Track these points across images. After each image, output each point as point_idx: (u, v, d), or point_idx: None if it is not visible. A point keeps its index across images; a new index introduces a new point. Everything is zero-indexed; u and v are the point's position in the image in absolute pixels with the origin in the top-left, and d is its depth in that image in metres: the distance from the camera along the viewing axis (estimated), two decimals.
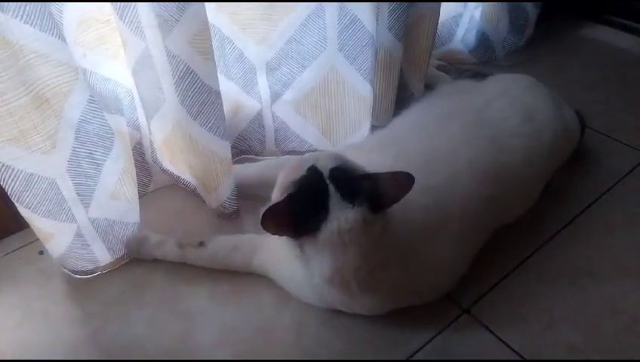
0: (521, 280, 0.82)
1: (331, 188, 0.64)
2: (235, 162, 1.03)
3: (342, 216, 0.63)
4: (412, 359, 0.72)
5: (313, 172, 0.66)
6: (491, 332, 0.75)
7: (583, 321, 0.76)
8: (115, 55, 0.81)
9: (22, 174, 0.68)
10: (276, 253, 0.75)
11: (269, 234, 0.80)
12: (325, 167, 0.66)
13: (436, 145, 0.81)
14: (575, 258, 0.85)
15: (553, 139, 0.87)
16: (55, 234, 0.77)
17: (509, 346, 0.73)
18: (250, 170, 0.96)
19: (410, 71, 1.07)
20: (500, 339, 0.74)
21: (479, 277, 0.80)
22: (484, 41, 1.31)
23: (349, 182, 0.65)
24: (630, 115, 1.16)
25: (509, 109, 0.88)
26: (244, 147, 1.06)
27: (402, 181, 0.63)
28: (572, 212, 0.93)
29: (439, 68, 1.23)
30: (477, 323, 0.76)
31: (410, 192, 0.64)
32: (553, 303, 0.78)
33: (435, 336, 0.75)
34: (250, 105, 0.99)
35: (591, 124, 1.05)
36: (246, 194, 0.92)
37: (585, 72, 1.31)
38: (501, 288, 0.81)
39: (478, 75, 1.06)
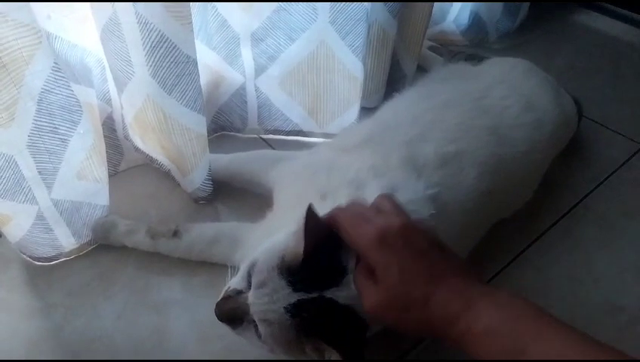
0: (517, 275, 0.78)
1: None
2: (214, 138, 0.97)
3: None
4: (405, 359, 0.68)
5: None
6: None
7: (582, 318, 0.72)
8: (83, 18, 0.72)
9: None
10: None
11: (251, 224, 0.75)
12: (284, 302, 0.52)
13: (432, 138, 0.73)
14: (572, 251, 0.82)
15: (554, 129, 0.82)
16: (13, 216, 0.69)
17: None
18: (221, 162, 0.87)
19: (404, 50, 1.02)
20: None
21: None
22: (476, 23, 1.26)
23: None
24: (624, 105, 1.13)
25: (509, 98, 0.82)
26: (224, 122, 0.98)
27: None
28: (568, 203, 0.90)
29: (431, 49, 1.18)
30: None
31: None
32: (551, 299, 0.74)
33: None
34: (233, 77, 0.92)
35: (585, 113, 1.01)
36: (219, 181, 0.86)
37: (577, 59, 1.27)
38: (496, 283, 0.76)
39: (473, 58, 1.01)
